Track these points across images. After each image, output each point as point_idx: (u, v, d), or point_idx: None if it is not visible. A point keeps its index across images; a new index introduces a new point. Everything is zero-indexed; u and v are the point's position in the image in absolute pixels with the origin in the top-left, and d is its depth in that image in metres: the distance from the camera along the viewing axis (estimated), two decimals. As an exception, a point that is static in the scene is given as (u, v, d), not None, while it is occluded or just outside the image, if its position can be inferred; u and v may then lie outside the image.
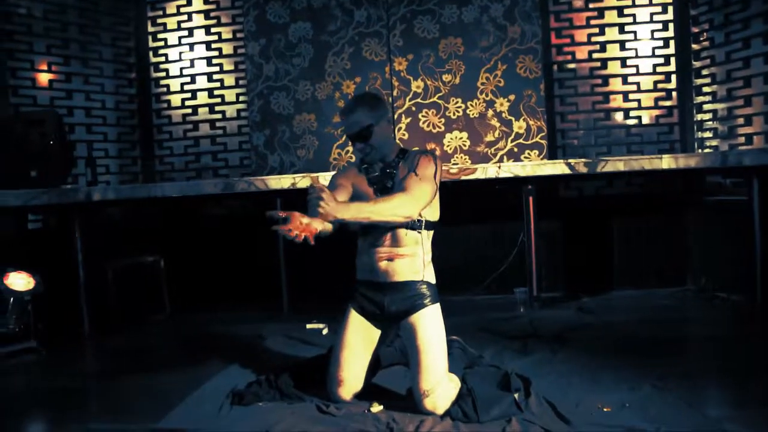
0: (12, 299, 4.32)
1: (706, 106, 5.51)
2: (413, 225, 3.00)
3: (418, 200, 2.85)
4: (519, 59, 5.54)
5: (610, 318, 4.57)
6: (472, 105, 5.60)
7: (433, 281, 3.09)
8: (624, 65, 5.76)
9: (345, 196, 3.05)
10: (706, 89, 5.49)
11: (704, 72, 5.50)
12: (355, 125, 3.00)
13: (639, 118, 5.76)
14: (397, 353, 3.41)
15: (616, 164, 4.80)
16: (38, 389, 3.78)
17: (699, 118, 5.60)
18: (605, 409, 2.79)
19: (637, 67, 5.74)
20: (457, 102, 5.62)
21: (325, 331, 4.57)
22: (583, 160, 4.89)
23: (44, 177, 4.92)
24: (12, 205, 4.66)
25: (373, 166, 3.12)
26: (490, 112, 5.58)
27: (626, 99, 5.77)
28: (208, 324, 5.13)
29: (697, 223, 5.50)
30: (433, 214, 3.08)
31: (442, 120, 5.64)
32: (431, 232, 3.10)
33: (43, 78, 5.69)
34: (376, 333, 3.13)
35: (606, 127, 5.80)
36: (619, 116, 5.79)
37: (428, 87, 5.64)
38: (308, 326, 4.70)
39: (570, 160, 4.86)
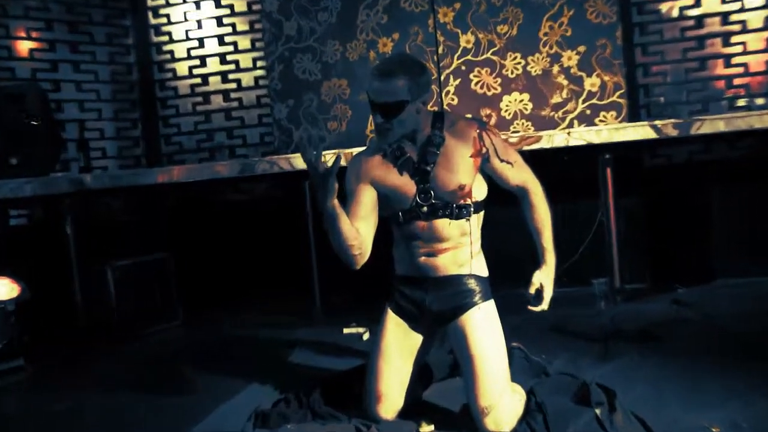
0: (-7, 310, 4.38)
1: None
2: (458, 213, 2.92)
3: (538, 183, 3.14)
4: (589, 2, 5.37)
5: (712, 312, 4.46)
6: (533, 60, 5.48)
7: (485, 274, 3.02)
8: (724, 1, 5.52)
9: (370, 206, 2.99)
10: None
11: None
12: (386, 95, 2.79)
13: (744, 65, 5.53)
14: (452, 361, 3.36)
15: (714, 124, 4.66)
16: (29, 414, 3.83)
17: (826, 62, 5.38)
18: (713, 429, 2.66)
19: (741, 1, 5.49)
20: (515, 57, 5.51)
21: (365, 336, 4.57)
22: (672, 120, 4.78)
23: (28, 164, 4.99)
24: (-11, 198, 4.71)
25: (401, 148, 2.97)
26: (556, 68, 5.45)
27: (727, 43, 5.55)
28: (227, 330, 5.20)
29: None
30: (480, 190, 3.00)
31: (498, 80, 5.54)
32: (481, 215, 3.01)
33: (23, 47, 5.72)
34: (417, 339, 3.09)
35: (701, 80, 5.61)
36: (717, 65, 5.57)
37: (480, 41, 5.54)
38: (345, 330, 4.74)
39: (656, 122, 4.76)
